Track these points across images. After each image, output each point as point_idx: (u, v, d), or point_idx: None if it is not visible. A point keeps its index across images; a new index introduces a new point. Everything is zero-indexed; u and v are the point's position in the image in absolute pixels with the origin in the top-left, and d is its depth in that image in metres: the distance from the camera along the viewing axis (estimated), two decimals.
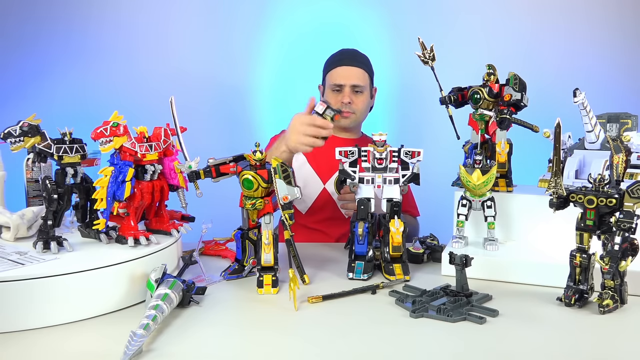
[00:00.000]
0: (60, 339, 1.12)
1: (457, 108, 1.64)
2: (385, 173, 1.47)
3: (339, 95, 2.06)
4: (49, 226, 1.33)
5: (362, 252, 1.47)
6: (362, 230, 1.44)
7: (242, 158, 1.44)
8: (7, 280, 1.14)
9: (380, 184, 1.47)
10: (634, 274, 1.26)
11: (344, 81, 2.04)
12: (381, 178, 1.46)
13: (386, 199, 1.47)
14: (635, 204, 1.18)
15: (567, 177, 1.55)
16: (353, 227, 1.47)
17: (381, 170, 1.47)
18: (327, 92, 2.11)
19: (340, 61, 2.08)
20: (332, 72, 2.08)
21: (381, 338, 1.11)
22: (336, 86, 2.06)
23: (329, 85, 2.09)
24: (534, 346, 1.07)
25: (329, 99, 2.09)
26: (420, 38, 1.58)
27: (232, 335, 1.16)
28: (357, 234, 1.45)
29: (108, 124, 1.33)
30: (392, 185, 1.47)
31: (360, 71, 2.07)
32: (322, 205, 2.05)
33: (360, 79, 2.06)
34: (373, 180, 1.47)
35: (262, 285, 1.37)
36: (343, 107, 2.05)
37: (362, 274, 1.45)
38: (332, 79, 2.07)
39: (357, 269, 1.46)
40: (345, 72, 2.05)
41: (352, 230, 1.47)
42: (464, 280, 1.30)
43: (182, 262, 1.49)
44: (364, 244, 1.46)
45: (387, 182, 1.46)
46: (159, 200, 1.46)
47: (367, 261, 1.46)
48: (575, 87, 1.44)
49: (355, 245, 1.47)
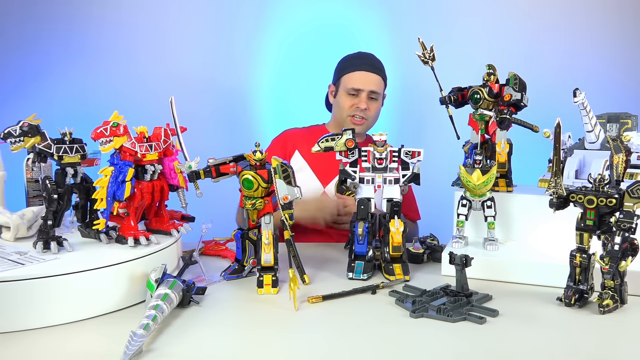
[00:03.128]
0: (60, 339, 1.12)
1: (457, 108, 1.64)
2: (385, 173, 1.47)
3: (355, 99, 2.07)
4: (49, 226, 1.33)
5: (362, 252, 1.47)
6: (362, 230, 1.45)
7: (242, 158, 1.44)
8: (7, 280, 1.14)
9: (380, 183, 1.47)
10: (634, 274, 1.26)
11: (362, 86, 2.04)
12: (381, 178, 1.46)
13: (386, 199, 1.47)
14: (635, 204, 1.18)
15: (567, 177, 1.55)
16: (353, 227, 1.47)
17: (381, 170, 1.47)
18: (341, 94, 2.10)
19: (360, 65, 2.08)
20: (351, 76, 2.07)
21: (381, 338, 1.11)
22: (354, 90, 2.06)
23: (344, 88, 2.08)
24: (534, 346, 1.07)
25: (342, 100, 2.09)
26: (420, 38, 1.58)
27: (232, 335, 1.16)
28: (357, 234, 1.45)
29: (108, 124, 1.33)
30: (392, 185, 1.47)
31: (378, 78, 2.08)
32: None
33: (378, 86, 2.07)
34: (373, 180, 1.47)
35: (262, 285, 1.37)
36: (358, 112, 2.06)
37: (362, 274, 1.45)
38: (350, 83, 2.06)
39: (357, 268, 1.46)
40: (365, 78, 2.06)
41: (352, 230, 1.47)
42: (464, 280, 1.30)
43: (182, 262, 1.49)
44: (364, 243, 1.46)
45: (387, 182, 1.47)
46: (159, 200, 1.46)
47: (367, 261, 1.46)
48: (575, 87, 1.44)
49: (355, 245, 1.47)
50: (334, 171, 2.00)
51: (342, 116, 2.11)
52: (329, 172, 2.06)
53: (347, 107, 2.08)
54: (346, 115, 2.09)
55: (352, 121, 2.08)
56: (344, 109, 2.09)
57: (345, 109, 2.09)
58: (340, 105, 2.10)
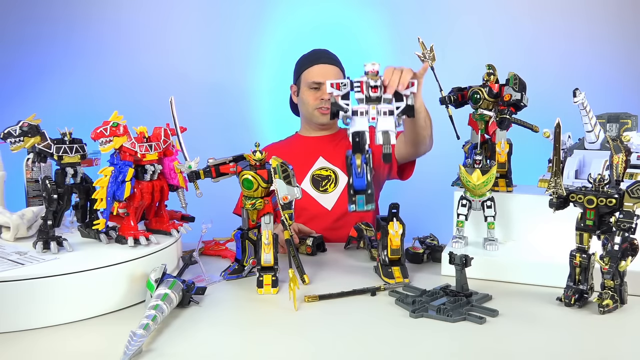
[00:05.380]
0: (60, 339, 1.12)
1: (457, 108, 1.64)
2: (379, 104, 1.35)
3: (318, 92, 2.10)
4: (49, 226, 1.33)
5: (361, 186, 1.36)
6: (360, 161, 1.33)
7: (242, 158, 1.44)
8: (7, 280, 1.14)
9: (374, 115, 1.34)
10: (633, 274, 1.25)
11: (323, 78, 2.07)
12: (375, 109, 1.34)
13: (381, 131, 1.34)
14: (635, 204, 1.18)
15: (567, 177, 1.55)
16: (350, 160, 1.36)
17: (375, 102, 1.35)
18: (303, 90, 2.14)
19: (317, 60, 2.13)
20: (309, 71, 2.12)
21: (381, 338, 1.11)
22: (315, 83, 2.09)
23: (306, 83, 2.12)
24: (534, 346, 1.07)
25: (306, 96, 2.12)
26: (420, 38, 1.58)
27: (232, 335, 1.16)
28: (354, 166, 1.34)
29: (108, 124, 1.33)
30: (386, 117, 1.35)
31: (336, 69, 2.12)
32: (304, 205, 2.05)
33: (336, 76, 2.09)
34: (367, 112, 1.35)
35: (262, 285, 1.37)
36: (324, 104, 2.08)
37: (366, 205, 1.35)
38: (310, 77, 2.11)
39: (359, 201, 1.36)
40: (323, 70, 2.10)
41: (350, 163, 1.36)
42: (464, 280, 1.30)
43: (182, 262, 1.49)
44: (363, 177, 1.35)
45: (381, 114, 1.34)
46: (159, 200, 1.46)
47: (367, 194, 1.35)
48: (575, 87, 1.44)
49: (354, 179, 1.36)
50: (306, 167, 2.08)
51: (309, 111, 2.14)
52: (301, 168, 2.08)
53: (312, 101, 2.11)
54: (312, 109, 2.12)
55: (320, 112, 2.11)
56: (309, 104, 2.12)
57: (310, 104, 2.12)
58: (305, 101, 2.14)
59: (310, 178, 2.09)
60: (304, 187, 2.07)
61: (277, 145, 2.22)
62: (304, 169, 2.10)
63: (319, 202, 2.07)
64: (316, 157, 2.12)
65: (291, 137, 2.28)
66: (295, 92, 2.22)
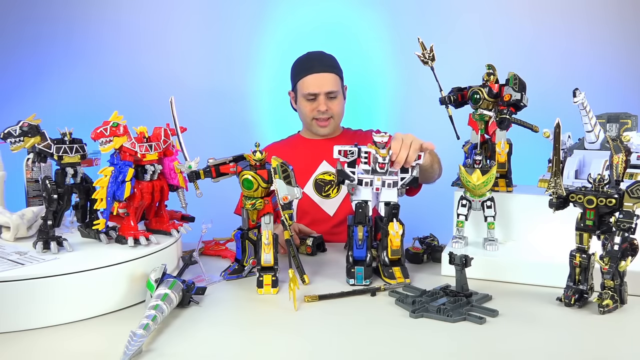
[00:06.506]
0: (60, 339, 1.12)
1: (457, 108, 1.64)
2: (385, 176, 1.41)
3: (314, 103, 2.04)
4: (49, 226, 1.33)
5: (361, 257, 1.41)
6: (362, 234, 1.39)
7: (242, 158, 1.44)
8: (7, 280, 1.14)
9: (378, 186, 1.41)
10: (633, 274, 1.25)
11: (318, 90, 2.01)
12: (380, 181, 1.40)
13: (383, 202, 1.42)
14: (635, 204, 1.18)
15: (567, 177, 1.55)
16: (352, 231, 1.41)
17: (381, 173, 1.41)
18: (300, 100, 2.08)
19: (310, 69, 2.04)
20: (304, 81, 2.04)
21: (381, 338, 1.11)
22: (310, 95, 2.03)
23: (301, 94, 2.06)
24: (533, 346, 1.07)
25: (303, 107, 2.07)
26: (420, 38, 1.58)
27: (232, 335, 1.16)
28: (356, 239, 1.40)
29: (108, 124, 1.33)
30: (390, 188, 1.41)
31: (331, 76, 2.04)
32: (306, 209, 2.05)
33: (333, 84, 2.03)
34: (372, 182, 1.41)
35: (262, 285, 1.37)
36: (320, 115, 2.04)
37: (364, 280, 1.40)
38: (305, 88, 2.03)
39: (357, 274, 1.40)
40: (318, 80, 2.02)
41: (351, 234, 1.41)
42: (464, 280, 1.30)
43: (182, 262, 1.49)
44: (363, 248, 1.41)
45: (385, 185, 1.41)
46: (159, 200, 1.46)
47: (366, 266, 1.41)
48: (575, 87, 1.44)
49: (354, 250, 1.41)
50: (309, 170, 2.06)
51: (306, 121, 2.10)
52: (304, 172, 2.05)
53: (308, 112, 2.06)
54: (310, 119, 2.08)
55: (318, 124, 2.07)
56: (306, 115, 2.08)
57: (307, 114, 2.07)
58: (302, 111, 2.09)
59: (313, 182, 2.06)
60: (306, 191, 2.05)
61: (278, 145, 2.18)
62: (307, 172, 2.07)
63: (321, 207, 2.05)
64: (319, 161, 2.08)
65: (293, 138, 2.24)
66: (293, 98, 2.17)
